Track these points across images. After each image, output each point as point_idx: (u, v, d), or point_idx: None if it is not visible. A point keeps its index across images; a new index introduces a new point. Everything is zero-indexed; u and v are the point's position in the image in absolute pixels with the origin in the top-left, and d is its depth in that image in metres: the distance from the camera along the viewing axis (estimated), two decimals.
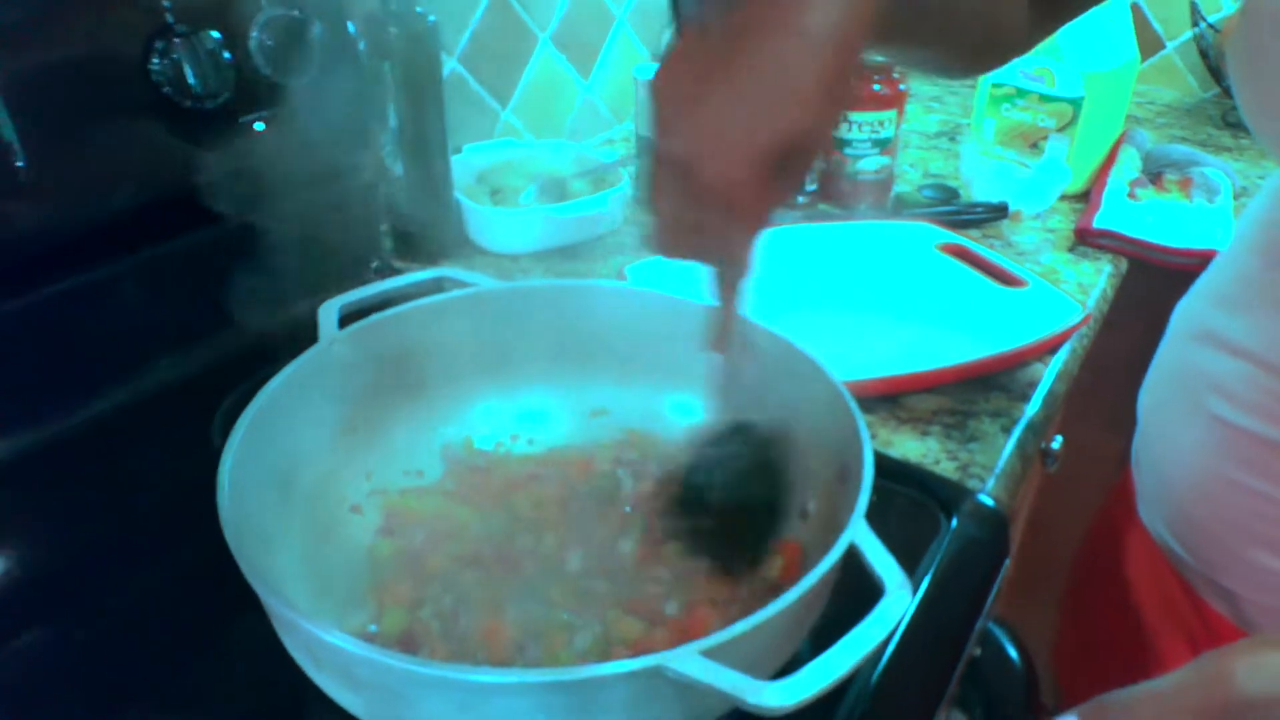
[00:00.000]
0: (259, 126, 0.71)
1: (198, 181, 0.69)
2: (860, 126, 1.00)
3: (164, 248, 0.71)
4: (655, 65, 0.41)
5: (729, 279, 0.44)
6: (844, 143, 1.01)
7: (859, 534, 0.43)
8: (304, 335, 0.58)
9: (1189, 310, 0.66)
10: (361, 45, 0.81)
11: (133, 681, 0.50)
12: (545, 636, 0.48)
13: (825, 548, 0.52)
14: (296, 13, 0.72)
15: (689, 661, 0.34)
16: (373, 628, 0.49)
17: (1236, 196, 1.11)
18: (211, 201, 0.73)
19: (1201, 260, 0.99)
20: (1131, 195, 1.07)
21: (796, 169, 0.40)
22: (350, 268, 0.86)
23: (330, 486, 0.56)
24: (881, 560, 0.41)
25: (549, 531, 0.56)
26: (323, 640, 0.35)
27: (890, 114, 1.00)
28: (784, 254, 0.91)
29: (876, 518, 0.44)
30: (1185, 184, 1.09)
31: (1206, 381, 0.60)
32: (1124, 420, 1.25)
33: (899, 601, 0.39)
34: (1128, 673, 0.71)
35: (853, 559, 0.43)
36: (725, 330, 0.46)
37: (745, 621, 0.37)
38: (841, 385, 0.53)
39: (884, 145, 1.02)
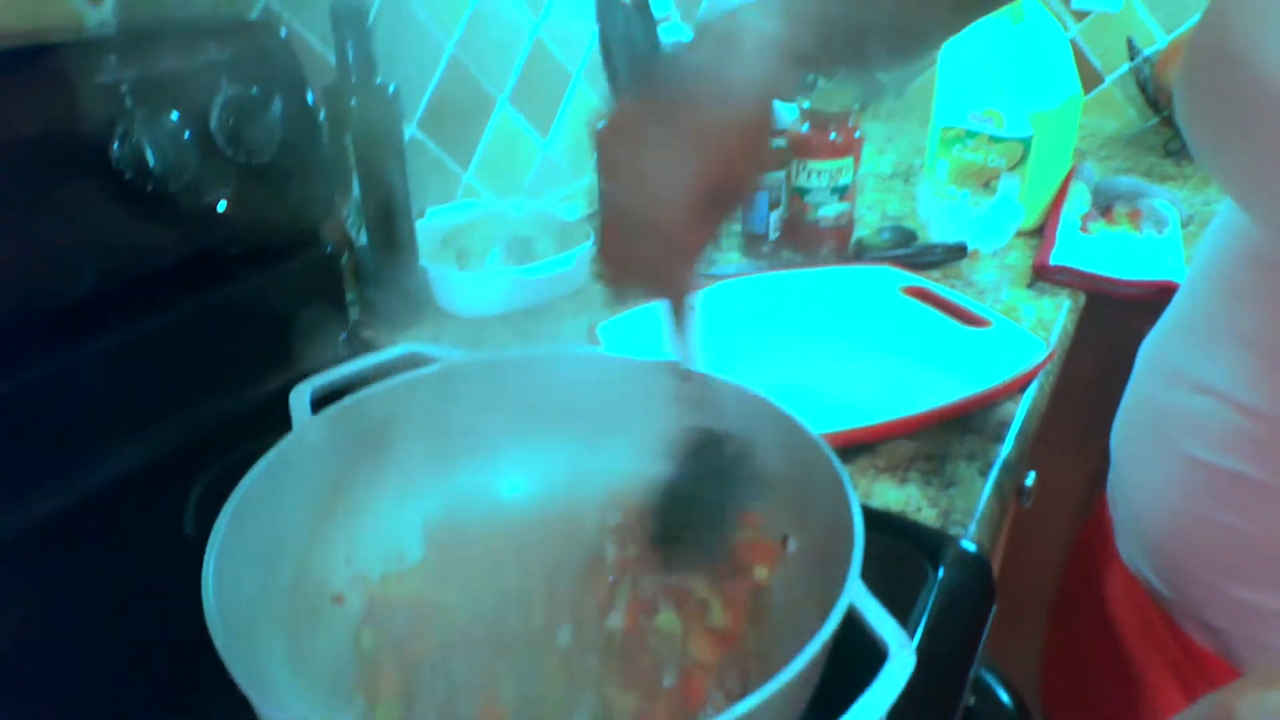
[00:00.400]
0: (222, 206, 0.71)
1: (161, 263, 0.69)
2: (819, 175, 1.01)
3: (129, 330, 0.70)
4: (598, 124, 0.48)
5: (677, 306, 0.49)
6: (804, 191, 1.03)
7: (857, 595, 0.42)
8: (274, 412, 0.57)
9: (1154, 348, 0.67)
10: (322, 117, 0.81)
11: None
12: (543, 719, 0.47)
13: (806, 589, 0.53)
14: (256, 89, 0.72)
15: None
16: None
17: (1184, 225, 1.14)
18: (175, 282, 0.73)
19: (1156, 290, 1.02)
20: (1084, 229, 1.10)
21: (723, 206, 0.47)
22: (318, 339, 0.85)
23: (310, 576, 0.54)
24: (881, 621, 0.41)
25: (536, 607, 0.55)
26: None
27: (848, 161, 1.02)
28: (750, 304, 0.92)
29: (864, 570, 0.44)
30: (1134, 216, 1.12)
31: (1176, 420, 0.61)
32: (1090, 449, 1.27)
33: (904, 664, 0.39)
34: (1118, 708, 0.72)
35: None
36: (684, 351, 0.51)
37: (751, 698, 0.36)
38: (824, 443, 0.53)
39: (843, 192, 1.03)
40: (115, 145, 0.64)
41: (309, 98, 0.77)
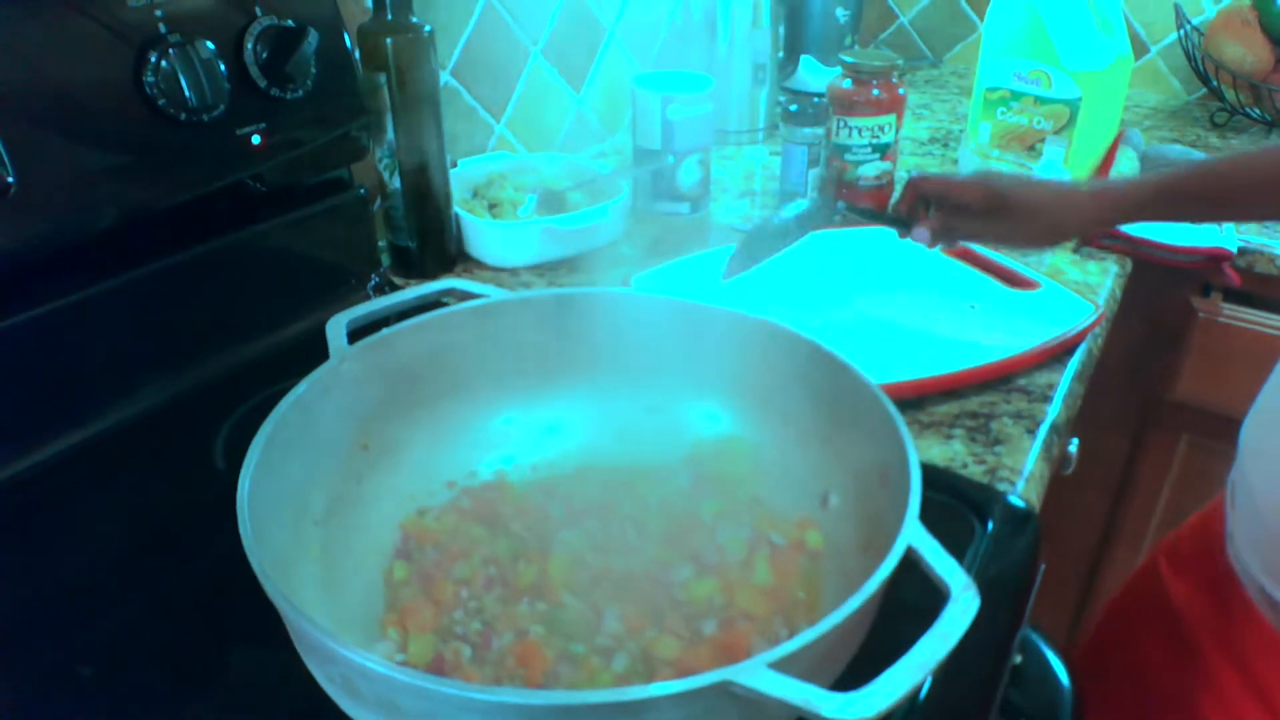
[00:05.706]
0: (255, 140, 0.69)
1: (191, 195, 0.67)
2: (860, 132, 0.99)
3: (157, 265, 0.68)
4: None
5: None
6: (844, 148, 1.00)
7: (915, 536, 0.41)
8: (300, 354, 0.55)
9: None
10: (357, 56, 0.79)
11: (137, 715, 0.47)
12: (581, 659, 0.46)
13: (853, 543, 0.51)
14: (291, 23, 0.70)
15: (758, 675, 0.32)
16: (400, 656, 0.46)
17: None
18: (204, 217, 0.71)
19: (1206, 258, 0.99)
20: None
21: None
22: (348, 284, 0.84)
23: (342, 507, 0.53)
24: (942, 562, 0.39)
25: (574, 548, 0.53)
26: (373, 671, 0.33)
27: (890, 118, 0.99)
28: (790, 262, 0.90)
29: None
30: None
31: None
32: (1125, 419, 1.24)
33: (967, 605, 0.37)
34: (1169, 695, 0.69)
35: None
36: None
37: (811, 631, 0.35)
38: (877, 388, 0.51)
39: (884, 150, 1.01)
40: (149, 74, 0.62)
41: (344, 35, 0.75)
